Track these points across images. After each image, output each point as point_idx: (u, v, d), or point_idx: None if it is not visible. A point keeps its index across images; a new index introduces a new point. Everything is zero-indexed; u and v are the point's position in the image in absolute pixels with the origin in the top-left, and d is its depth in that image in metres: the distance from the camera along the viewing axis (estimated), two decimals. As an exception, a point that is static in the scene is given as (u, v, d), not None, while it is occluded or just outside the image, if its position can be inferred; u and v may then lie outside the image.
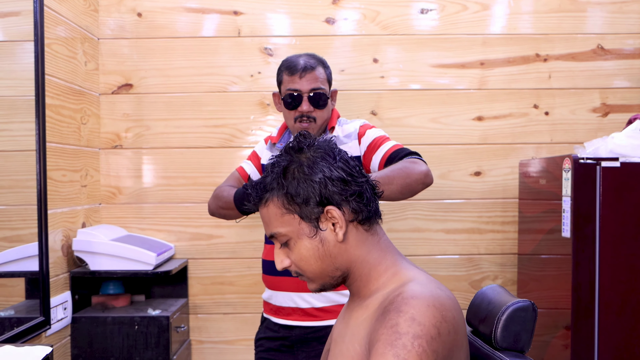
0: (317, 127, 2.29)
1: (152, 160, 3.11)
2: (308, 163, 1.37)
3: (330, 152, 1.40)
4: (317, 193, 1.35)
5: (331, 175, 1.36)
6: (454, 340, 1.27)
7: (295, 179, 1.36)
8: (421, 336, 1.21)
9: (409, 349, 1.20)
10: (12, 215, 2.39)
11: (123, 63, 3.09)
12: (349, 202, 1.37)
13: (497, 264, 3.12)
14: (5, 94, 2.39)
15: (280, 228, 1.39)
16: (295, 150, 1.41)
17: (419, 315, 1.24)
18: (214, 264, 3.11)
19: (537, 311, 1.54)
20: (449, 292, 1.35)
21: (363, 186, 1.40)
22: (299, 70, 2.25)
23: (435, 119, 3.09)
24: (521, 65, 3.10)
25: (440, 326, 1.24)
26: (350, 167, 1.40)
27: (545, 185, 2.70)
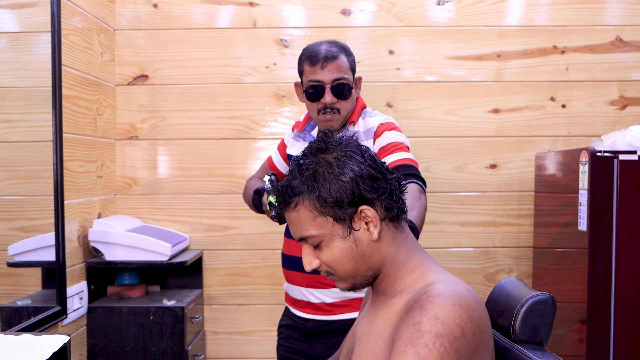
0: (342, 118, 2.22)
1: (167, 151, 3.11)
2: (337, 163, 1.34)
3: (357, 150, 1.37)
4: (349, 193, 1.32)
5: (361, 173, 1.33)
6: (478, 341, 1.25)
7: (326, 180, 1.33)
8: (443, 335, 1.20)
9: (430, 347, 1.19)
10: (28, 205, 2.41)
11: (139, 54, 3.09)
12: (381, 200, 1.35)
13: (512, 257, 3.11)
14: (22, 84, 2.40)
15: (312, 231, 1.36)
16: (321, 151, 1.38)
17: (443, 314, 1.22)
18: (229, 255, 3.12)
19: (556, 304, 1.53)
20: (475, 293, 1.33)
21: (392, 183, 1.38)
22: (321, 60, 2.16)
23: (450, 111, 3.08)
24: (538, 57, 3.07)
25: (465, 326, 1.22)
26: (378, 164, 1.38)
27: (561, 178, 2.68)
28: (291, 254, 2.30)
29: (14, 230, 2.34)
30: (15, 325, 2.16)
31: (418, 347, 1.19)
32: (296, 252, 2.28)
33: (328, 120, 2.22)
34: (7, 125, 2.32)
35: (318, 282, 2.23)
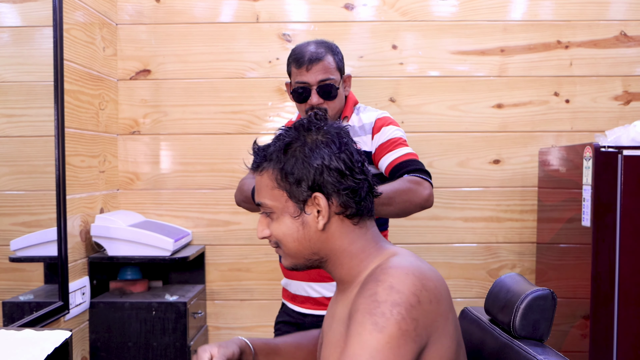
0: (330, 118, 2.22)
1: (169, 146, 3.11)
2: (311, 145, 1.36)
3: (336, 141, 1.38)
4: (311, 178, 1.35)
5: (330, 164, 1.35)
6: (436, 310, 1.26)
7: (294, 157, 1.36)
8: (400, 304, 1.21)
9: (387, 316, 1.20)
10: (31, 200, 2.40)
11: (141, 49, 3.09)
12: (340, 194, 1.36)
13: (515, 253, 3.10)
14: (24, 79, 2.40)
15: (267, 200, 1.41)
16: (304, 129, 1.40)
17: (398, 283, 1.24)
18: (231, 250, 3.11)
19: (556, 300, 1.53)
20: (432, 268, 1.34)
21: (360, 183, 1.38)
22: (306, 62, 2.17)
23: (454, 106, 3.07)
24: (542, 52, 3.06)
25: (421, 294, 1.23)
26: (353, 160, 1.38)
27: (565, 173, 2.67)
28: None
29: (16, 225, 2.34)
30: (18, 321, 2.15)
31: (376, 316, 1.21)
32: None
33: None
34: (10, 120, 2.32)
35: (319, 276, 2.23)
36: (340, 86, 2.24)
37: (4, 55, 2.27)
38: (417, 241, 3.08)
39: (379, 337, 1.19)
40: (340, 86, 2.23)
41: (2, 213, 2.28)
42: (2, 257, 2.23)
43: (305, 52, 2.20)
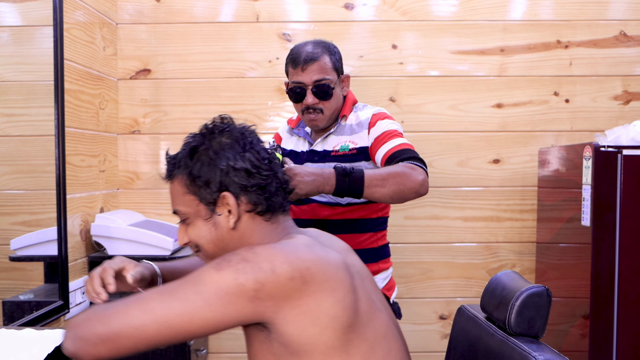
0: (326, 117, 2.24)
1: (169, 145, 3.11)
2: (216, 148, 1.40)
3: (241, 141, 1.42)
4: (218, 179, 1.38)
5: (235, 164, 1.38)
6: (300, 289, 1.27)
7: (200, 161, 1.39)
8: (249, 260, 1.25)
9: (230, 262, 1.25)
10: (31, 199, 2.40)
11: (141, 48, 3.09)
12: (249, 193, 1.39)
13: (515, 252, 3.10)
14: (24, 78, 2.40)
15: (180, 206, 1.44)
16: (209, 132, 1.43)
17: (260, 249, 1.29)
18: (231, 249, 3.11)
19: (551, 296, 1.53)
20: (325, 255, 1.35)
21: (267, 179, 1.42)
22: (301, 62, 2.19)
23: (454, 106, 3.07)
24: (542, 51, 3.06)
25: (279, 266, 1.25)
26: (260, 158, 1.42)
27: (565, 173, 2.68)
28: None
29: (16, 225, 2.34)
30: (18, 320, 2.16)
31: (222, 261, 1.27)
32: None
33: (312, 120, 2.26)
34: (10, 119, 2.32)
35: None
36: (337, 86, 2.24)
37: (4, 55, 2.27)
38: (417, 241, 3.09)
39: (212, 274, 1.25)
40: (336, 86, 2.24)
41: (2, 212, 2.28)
42: (2, 256, 2.24)
43: (301, 52, 2.22)
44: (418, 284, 3.10)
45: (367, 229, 2.26)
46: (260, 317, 1.27)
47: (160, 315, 1.24)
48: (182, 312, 1.23)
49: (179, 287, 1.26)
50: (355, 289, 1.36)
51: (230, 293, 1.23)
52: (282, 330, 1.28)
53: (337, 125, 2.28)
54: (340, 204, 2.24)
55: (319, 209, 2.26)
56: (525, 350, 1.44)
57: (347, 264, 1.40)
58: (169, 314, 1.24)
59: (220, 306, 1.23)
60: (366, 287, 1.45)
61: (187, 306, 1.23)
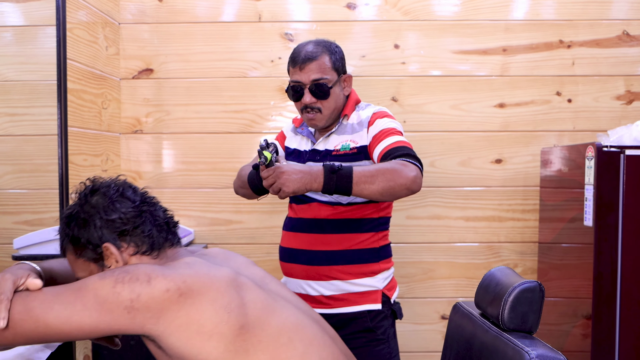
0: (325, 117, 2.25)
1: (172, 145, 3.11)
2: (87, 209, 1.46)
3: (109, 194, 1.48)
4: (95, 235, 1.44)
5: (107, 217, 1.44)
6: (177, 302, 1.31)
7: (76, 225, 1.46)
8: (128, 272, 1.32)
9: (113, 272, 1.32)
10: (33, 199, 2.41)
11: (144, 48, 3.09)
12: (128, 238, 1.46)
13: (517, 252, 3.10)
14: (27, 78, 2.41)
15: (79, 273, 1.49)
16: (80, 198, 1.50)
17: (139, 265, 1.36)
18: (233, 249, 3.09)
19: (544, 292, 1.54)
20: (201, 268, 1.41)
21: (141, 220, 1.48)
22: (300, 61, 2.21)
23: (456, 106, 3.07)
24: (544, 51, 3.06)
25: (155, 279, 1.31)
26: (131, 203, 1.48)
27: (567, 173, 2.67)
28: (290, 246, 2.31)
29: (19, 224, 2.35)
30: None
31: (107, 271, 1.36)
32: (294, 245, 2.29)
33: (310, 119, 2.28)
34: (12, 118, 2.33)
35: (317, 274, 2.24)
36: (337, 86, 2.25)
37: (7, 54, 2.28)
38: (419, 240, 3.09)
39: (95, 281, 1.32)
40: (335, 86, 2.24)
41: (5, 212, 2.29)
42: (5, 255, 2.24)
43: (301, 51, 2.24)
44: (419, 283, 3.10)
45: (368, 229, 2.26)
46: (141, 329, 1.32)
47: (39, 314, 1.30)
48: (59, 314, 1.30)
49: (64, 290, 1.33)
50: (245, 293, 1.41)
51: (108, 301, 1.29)
52: (168, 343, 1.33)
53: (338, 125, 2.29)
54: (341, 204, 2.24)
55: (320, 209, 2.26)
56: (518, 346, 1.44)
57: (238, 275, 1.45)
58: (47, 314, 1.30)
59: (96, 312, 1.29)
60: (269, 289, 1.53)
61: (66, 309, 1.30)
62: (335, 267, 2.23)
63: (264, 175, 2.01)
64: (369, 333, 2.22)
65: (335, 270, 2.23)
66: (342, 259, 2.23)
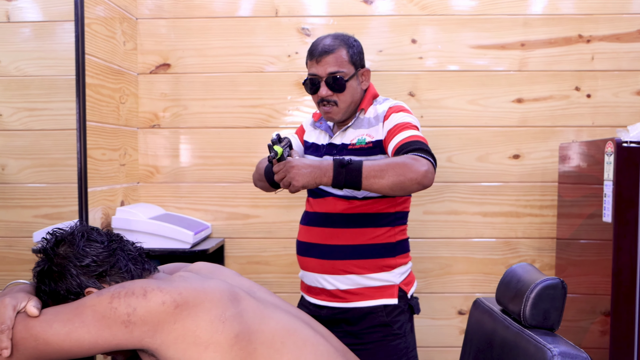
0: (341, 110, 2.25)
1: (189, 139, 3.12)
2: (57, 261, 1.46)
3: (75, 242, 1.48)
4: (74, 284, 1.44)
5: (80, 263, 1.45)
6: (174, 314, 1.33)
7: (51, 280, 1.46)
8: (125, 287, 1.35)
9: (110, 289, 1.36)
10: (52, 193, 2.42)
11: (161, 43, 3.10)
12: (106, 277, 1.47)
13: (534, 248, 3.08)
14: (46, 73, 2.42)
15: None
16: (46, 252, 1.50)
17: (136, 280, 1.40)
18: (250, 243, 3.12)
19: (566, 289, 1.53)
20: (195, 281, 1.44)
21: (115, 258, 1.49)
22: (316, 55, 2.22)
23: (473, 101, 3.06)
24: (563, 46, 3.04)
25: (151, 292, 1.34)
26: (99, 247, 1.49)
27: (585, 169, 2.66)
28: (306, 240, 2.32)
29: (38, 218, 2.36)
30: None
31: (104, 288, 1.41)
32: (311, 239, 2.29)
33: (327, 112, 2.28)
34: (32, 113, 2.34)
35: (333, 268, 2.24)
36: (354, 79, 2.24)
37: (26, 50, 2.29)
38: (436, 236, 3.08)
39: (93, 298, 1.35)
40: (352, 79, 2.24)
41: (25, 205, 2.31)
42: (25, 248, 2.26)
43: (318, 44, 2.24)
44: (436, 279, 3.10)
45: (384, 224, 2.26)
46: (139, 344, 1.34)
47: (39, 332, 1.33)
48: (59, 331, 1.32)
49: (63, 308, 1.37)
50: (237, 300, 1.43)
51: (106, 316, 1.32)
52: (167, 356, 1.35)
53: (355, 119, 2.29)
54: (357, 198, 2.24)
55: (336, 203, 2.26)
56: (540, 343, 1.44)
57: (229, 285, 1.48)
58: (46, 332, 1.33)
59: (95, 328, 1.32)
60: (258, 297, 1.56)
61: (65, 326, 1.33)
62: (351, 262, 2.23)
63: (275, 169, 2.03)
64: (385, 327, 2.21)
65: (351, 265, 2.23)
66: (358, 253, 2.23)
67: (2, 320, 1.32)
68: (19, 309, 1.36)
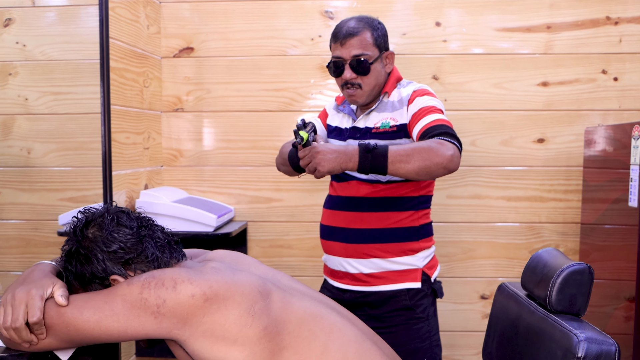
0: (365, 93, 2.24)
1: (212, 123, 3.13)
2: (85, 244, 1.45)
3: (105, 225, 1.47)
4: (100, 269, 1.43)
5: (108, 248, 1.44)
6: (202, 307, 1.34)
7: (78, 262, 1.45)
8: (155, 277, 1.35)
9: (140, 278, 1.36)
10: (77, 176, 2.45)
11: (184, 26, 3.10)
12: (133, 265, 1.46)
13: (558, 233, 3.06)
14: (70, 57, 2.44)
15: None
16: (76, 232, 1.48)
17: (168, 270, 1.39)
18: (273, 227, 3.14)
19: (593, 274, 1.52)
20: (227, 274, 1.43)
21: (143, 246, 1.48)
22: (340, 37, 2.20)
23: (498, 84, 3.03)
24: (590, 28, 2.99)
25: (181, 284, 1.34)
26: (128, 230, 1.48)
27: (611, 153, 2.62)
28: (330, 224, 2.32)
29: (63, 201, 2.39)
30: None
31: (135, 276, 1.40)
32: (335, 223, 2.30)
33: (351, 95, 2.26)
34: (57, 97, 2.36)
35: (357, 252, 2.24)
36: (378, 62, 2.23)
37: (51, 34, 2.31)
38: (459, 220, 3.07)
39: (123, 287, 1.37)
40: (377, 62, 2.23)
41: (50, 189, 2.34)
42: (51, 231, 2.29)
43: (343, 27, 2.23)
44: (459, 263, 3.09)
45: (408, 208, 2.25)
46: (168, 334, 1.35)
47: (70, 319, 1.35)
48: (89, 318, 1.34)
49: (95, 295, 1.38)
50: (267, 293, 1.43)
51: (136, 306, 1.33)
52: (194, 348, 1.36)
53: (379, 102, 2.28)
54: (381, 182, 2.23)
55: (359, 187, 2.26)
56: (566, 328, 1.43)
57: (258, 277, 1.48)
58: (77, 319, 1.34)
59: (124, 317, 1.33)
60: (283, 285, 1.56)
61: (95, 314, 1.34)
62: (375, 245, 2.23)
63: (300, 155, 2.03)
64: (408, 311, 2.22)
65: (375, 249, 2.23)
66: (381, 237, 2.23)
67: (33, 312, 1.33)
68: (46, 296, 1.37)
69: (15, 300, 1.35)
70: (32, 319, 1.33)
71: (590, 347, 1.37)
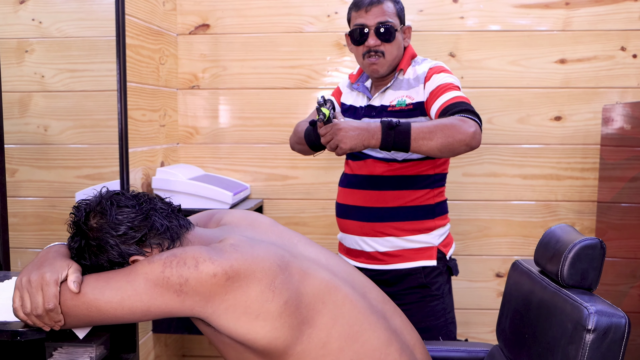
0: (387, 63, 2.23)
1: (228, 100, 3.13)
2: (93, 235, 1.43)
3: (106, 211, 1.44)
4: (116, 254, 1.42)
5: (117, 232, 1.42)
6: (225, 286, 1.35)
7: (91, 255, 1.43)
8: (176, 255, 1.36)
9: (161, 256, 1.36)
10: (94, 154, 2.47)
11: (200, 3, 3.10)
12: (147, 242, 1.44)
13: (574, 211, 3.05)
14: (86, 34, 2.44)
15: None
16: (79, 226, 1.45)
17: (189, 248, 1.40)
18: (289, 204, 3.15)
19: (605, 249, 1.52)
20: (246, 250, 1.41)
21: (151, 220, 1.46)
22: (365, 4, 2.20)
23: (515, 62, 3.00)
24: (609, 4, 2.95)
25: (203, 263, 1.34)
26: (131, 212, 1.45)
27: (629, 131, 2.60)
28: (346, 202, 2.33)
29: (80, 178, 2.41)
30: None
31: (157, 254, 1.39)
32: (350, 201, 2.30)
33: (372, 64, 2.24)
34: (73, 74, 2.37)
35: (373, 231, 2.25)
36: (399, 34, 2.22)
37: (67, 11, 2.31)
38: (475, 198, 3.06)
39: (145, 265, 1.36)
40: (399, 32, 2.22)
41: (67, 166, 2.36)
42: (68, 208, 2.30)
43: None
44: (475, 241, 3.09)
45: (424, 186, 2.26)
46: (191, 312, 1.36)
47: (91, 300, 1.34)
48: (111, 299, 1.34)
49: (115, 274, 1.37)
50: (285, 266, 1.43)
51: (158, 285, 1.33)
52: (218, 323, 1.37)
53: (394, 80, 2.27)
54: (397, 160, 2.23)
55: (375, 165, 2.26)
56: (577, 301, 1.43)
57: (277, 249, 1.48)
58: (99, 299, 1.34)
59: (147, 296, 1.33)
60: (299, 253, 1.56)
61: (117, 294, 1.34)
62: (390, 224, 2.23)
63: (321, 132, 2.02)
64: (424, 289, 2.23)
65: (390, 227, 2.23)
66: (397, 215, 2.24)
67: (48, 299, 1.33)
68: (61, 279, 1.36)
69: (32, 287, 1.34)
70: (49, 305, 1.33)
71: (600, 319, 1.37)
